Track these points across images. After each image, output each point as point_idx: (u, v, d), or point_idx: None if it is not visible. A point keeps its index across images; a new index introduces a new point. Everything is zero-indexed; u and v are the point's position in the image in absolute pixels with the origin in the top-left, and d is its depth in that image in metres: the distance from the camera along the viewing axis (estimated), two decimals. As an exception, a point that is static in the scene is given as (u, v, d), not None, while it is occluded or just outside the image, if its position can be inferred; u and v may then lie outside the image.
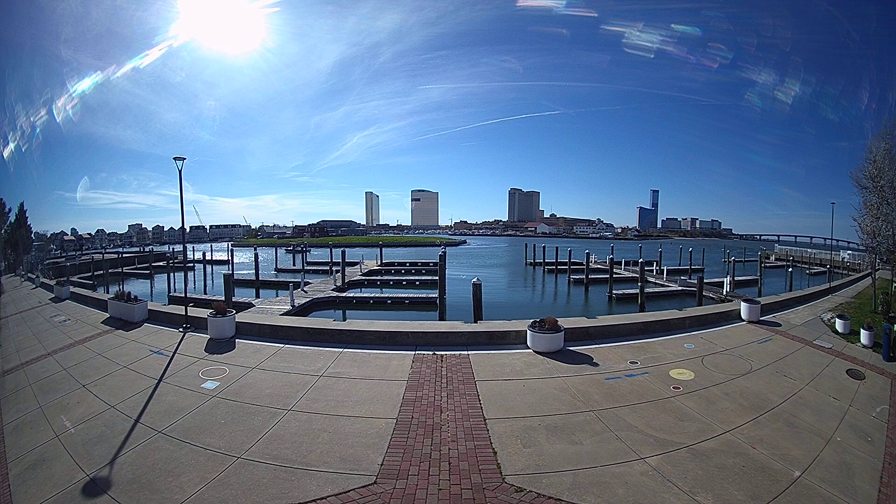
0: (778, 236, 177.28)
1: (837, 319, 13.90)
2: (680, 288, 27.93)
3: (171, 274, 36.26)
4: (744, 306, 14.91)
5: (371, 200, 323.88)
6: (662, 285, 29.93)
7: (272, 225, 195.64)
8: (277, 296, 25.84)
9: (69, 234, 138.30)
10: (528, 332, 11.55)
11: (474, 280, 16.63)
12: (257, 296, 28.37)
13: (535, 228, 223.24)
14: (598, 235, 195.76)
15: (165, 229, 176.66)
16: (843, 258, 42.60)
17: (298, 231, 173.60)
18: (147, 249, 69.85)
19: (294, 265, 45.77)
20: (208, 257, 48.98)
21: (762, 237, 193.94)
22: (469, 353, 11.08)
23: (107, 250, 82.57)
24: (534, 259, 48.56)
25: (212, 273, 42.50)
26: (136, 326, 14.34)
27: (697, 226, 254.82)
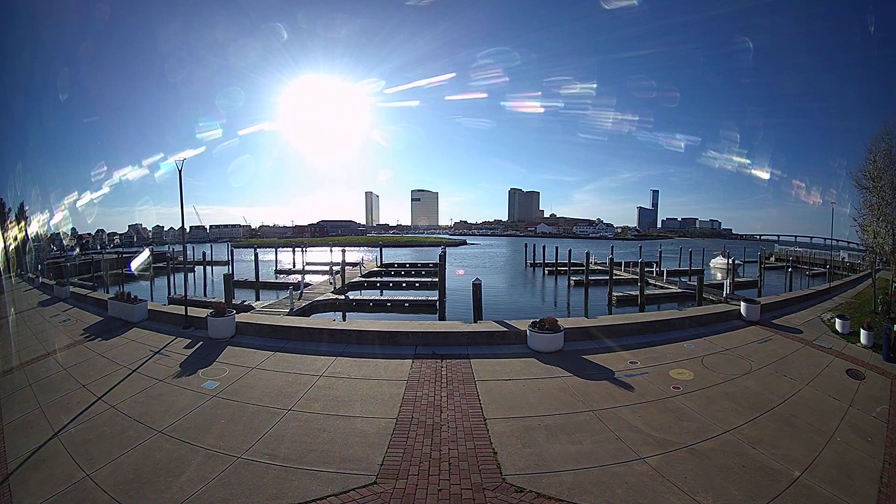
0: (778, 236, 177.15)
1: (837, 319, 13.90)
2: (680, 290, 27.84)
3: (171, 275, 36.30)
4: (744, 306, 14.92)
5: (371, 200, 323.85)
6: (662, 287, 29.86)
7: (272, 225, 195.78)
8: (278, 297, 25.80)
9: (69, 234, 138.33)
10: (528, 331, 11.56)
11: (474, 280, 16.62)
12: (257, 297, 28.35)
13: (535, 228, 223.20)
14: (598, 235, 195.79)
15: (165, 229, 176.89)
16: (842, 258, 42.56)
17: (298, 231, 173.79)
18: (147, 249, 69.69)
19: (294, 266, 45.70)
20: (208, 258, 48.83)
21: (762, 237, 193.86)
22: (469, 352, 11.09)
23: (106, 250, 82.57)
24: (533, 259, 48.53)
25: (212, 274, 42.45)
26: (136, 326, 14.35)
27: (697, 226, 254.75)
